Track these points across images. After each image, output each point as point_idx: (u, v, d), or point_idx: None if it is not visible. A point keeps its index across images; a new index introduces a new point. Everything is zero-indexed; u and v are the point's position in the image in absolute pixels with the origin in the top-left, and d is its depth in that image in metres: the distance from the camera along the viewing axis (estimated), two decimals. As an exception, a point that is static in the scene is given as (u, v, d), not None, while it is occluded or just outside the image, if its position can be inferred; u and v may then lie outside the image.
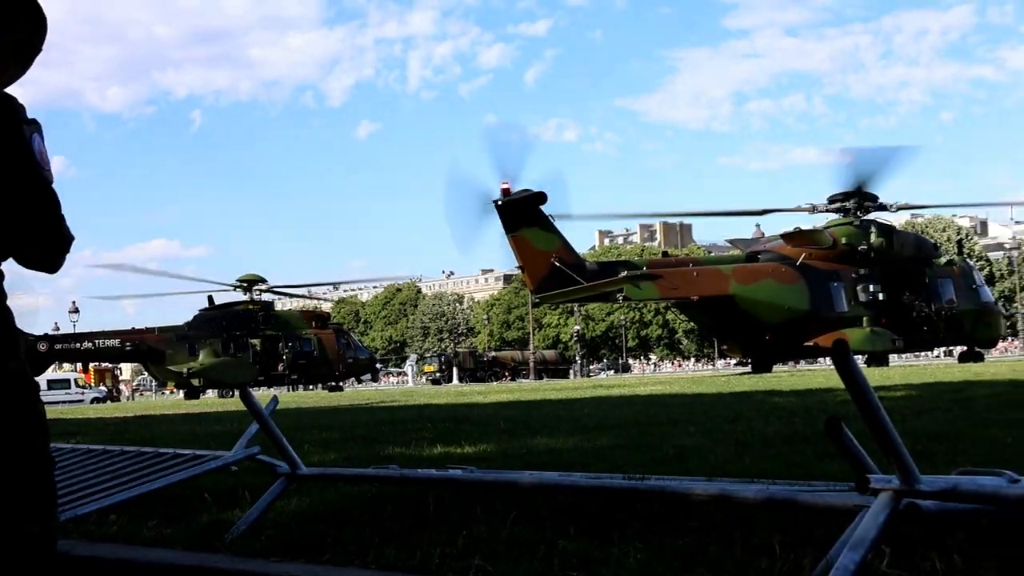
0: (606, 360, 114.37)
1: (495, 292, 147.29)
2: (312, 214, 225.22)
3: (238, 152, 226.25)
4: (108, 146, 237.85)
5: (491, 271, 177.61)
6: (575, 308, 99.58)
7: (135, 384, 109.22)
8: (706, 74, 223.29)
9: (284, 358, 62.12)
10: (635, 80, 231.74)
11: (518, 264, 40.85)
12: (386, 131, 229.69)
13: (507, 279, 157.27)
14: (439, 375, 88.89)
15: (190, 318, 61.19)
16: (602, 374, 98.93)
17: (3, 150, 2.87)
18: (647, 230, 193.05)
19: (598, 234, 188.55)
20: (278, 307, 65.47)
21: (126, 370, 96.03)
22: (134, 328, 59.95)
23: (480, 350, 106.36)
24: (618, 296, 42.60)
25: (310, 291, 67.25)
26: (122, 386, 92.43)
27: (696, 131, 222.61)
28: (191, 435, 11.81)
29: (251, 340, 60.98)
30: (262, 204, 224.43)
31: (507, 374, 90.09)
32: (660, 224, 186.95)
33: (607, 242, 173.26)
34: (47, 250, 3.00)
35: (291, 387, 67.24)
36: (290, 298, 66.55)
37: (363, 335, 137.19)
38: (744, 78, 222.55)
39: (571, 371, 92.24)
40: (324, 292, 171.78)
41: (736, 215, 47.40)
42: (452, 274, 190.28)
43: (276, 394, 7.47)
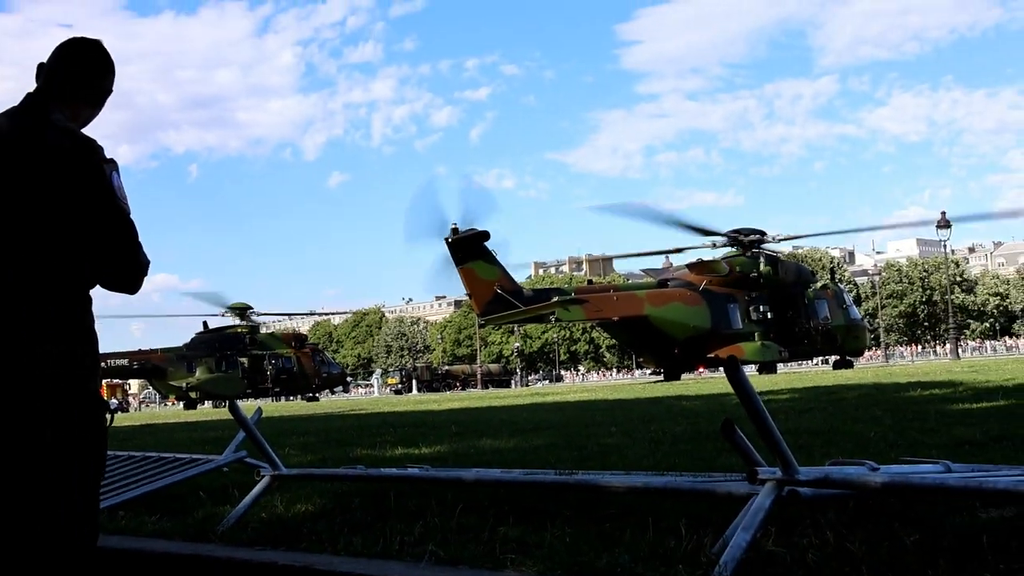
0: (542, 372, 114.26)
1: (448, 315, 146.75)
2: (292, 250, 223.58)
3: (228, 198, 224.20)
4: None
5: (444, 297, 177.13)
6: (515, 328, 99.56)
7: (142, 397, 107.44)
8: (622, 131, 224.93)
9: (268, 374, 61.42)
10: (563, 136, 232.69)
11: (467, 292, 40.70)
12: (354, 181, 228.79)
13: (458, 304, 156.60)
14: (401, 387, 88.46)
15: (188, 340, 60.41)
16: (539, 384, 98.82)
17: (88, 187, 2.85)
18: (575, 261, 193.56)
19: (534, 265, 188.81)
20: (263, 330, 64.79)
21: (134, 384, 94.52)
22: (140, 349, 59.02)
23: (435, 365, 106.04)
24: (551, 318, 42.54)
25: (290, 317, 66.73)
26: (131, 398, 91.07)
27: (614, 179, 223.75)
28: (189, 441, 11.66)
29: (240, 359, 60.25)
30: (249, 242, 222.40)
31: (458, 385, 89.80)
32: (585, 256, 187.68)
33: (541, 272, 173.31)
34: (128, 274, 2.99)
35: (274, 398, 66.53)
36: (273, 322, 65.95)
37: (335, 353, 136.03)
38: (654, 134, 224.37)
39: (512, 382, 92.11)
40: (302, 317, 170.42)
41: (652, 255, 47.57)
42: (411, 300, 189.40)
43: (260, 405, 7.42)
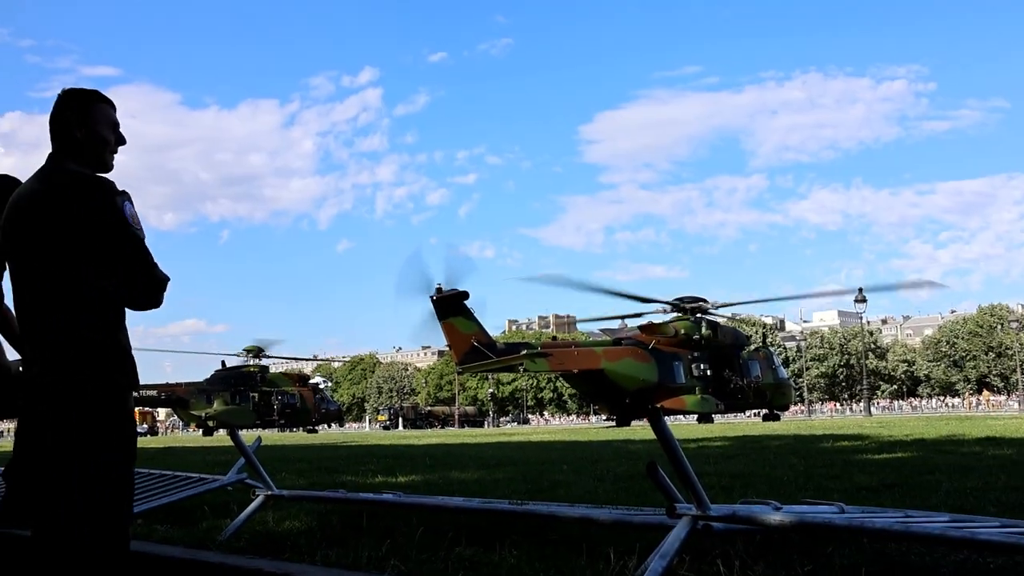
0: (512, 415, 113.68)
1: (432, 363, 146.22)
2: (302, 303, 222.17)
3: (253, 259, 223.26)
4: (161, 254, 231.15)
5: (429, 347, 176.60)
6: (489, 376, 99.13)
7: (168, 423, 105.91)
8: (585, 213, 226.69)
9: (275, 407, 60.87)
10: (535, 215, 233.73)
11: (448, 343, 40.60)
12: (358, 247, 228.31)
13: (441, 354, 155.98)
14: (389, 423, 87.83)
15: (208, 376, 59.92)
16: (508, 425, 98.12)
17: (103, 219, 2.87)
18: (543, 320, 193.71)
19: (507, 322, 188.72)
20: (272, 370, 64.31)
21: (162, 413, 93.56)
22: (168, 383, 58.45)
23: (420, 405, 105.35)
24: (520, 368, 42.46)
25: (296, 359, 66.24)
26: (159, 424, 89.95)
27: (578, 252, 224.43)
28: (201, 463, 11.53)
29: (251, 393, 59.75)
30: (267, 295, 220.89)
31: (438, 423, 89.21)
32: (552, 316, 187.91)
33: (514, 328, 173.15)
34: (149, 290, 2.98)
35: (279, 429, 65.92)
36: (282, 363, 65.46)
37: (334, 392, 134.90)
38: (612, 216, 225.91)
39: (485, 422, 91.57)
40: (307, 361, 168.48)
41: (611, 319, 47.59)
42: (400, 348, 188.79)
43: (263, 435, 7.36)
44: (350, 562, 3.78)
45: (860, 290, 45.73)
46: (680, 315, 43.79)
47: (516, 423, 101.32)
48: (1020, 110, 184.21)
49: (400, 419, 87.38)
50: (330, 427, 77.43)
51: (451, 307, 38.98)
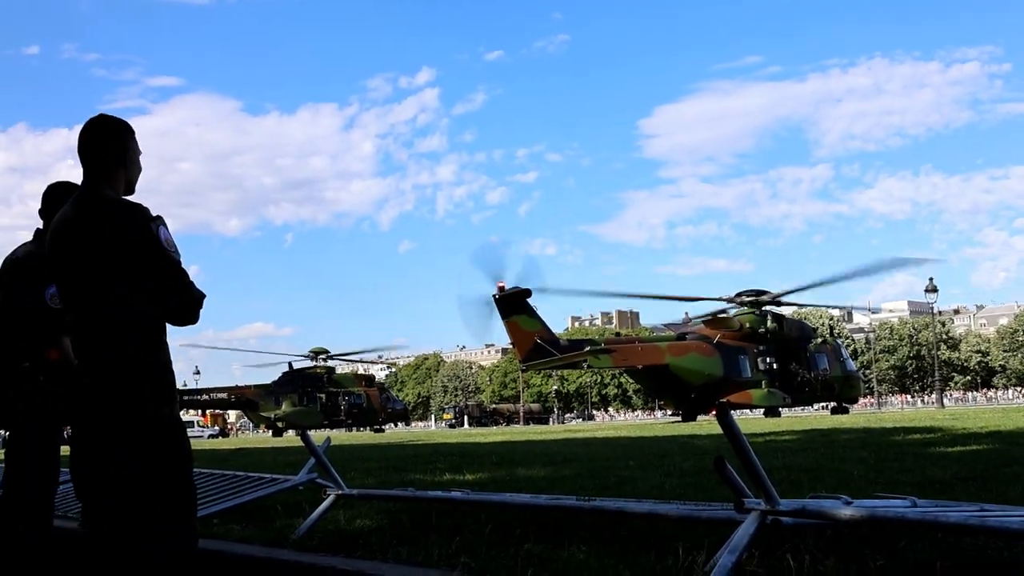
0: (576, 411, 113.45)
1: (496, 361, 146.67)
2: (366, 304, 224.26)
3: (317, 261, 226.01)
4: (228, 259, 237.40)
5: (493, 345, 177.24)
6: (553, 373, 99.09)
7: (238, 425, 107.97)
8: (646, 208, 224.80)
9: (342, 408, 61.53)
10: (596, 212, 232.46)
11: (511, 341, 40.66)
12: (420, 248, 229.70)
13: (504, 352, 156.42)
14: (454, 422, 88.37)
15: (276, 378, 60.76)
16: (573, 422, 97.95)
17: (138, 243, 3.01)
18: (607, 316, 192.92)
19: (570, 319, 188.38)
20: (338, 371, 65.04)
21: (232, 415, 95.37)
22: (237, 385, 59.40)
23: (484, 403, 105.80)
24: (584, 365, 42.33)
25: (361, 358, 66.82)
26: (229, 426, 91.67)
27: (639, 247, 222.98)
28: (273, 464, 11.76)
29: (319, 395, 60.45)
30: (332, 297, 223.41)
31: (503, 421, 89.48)
32: (616, 312, 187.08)
33: (576, 325, 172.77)
34: (185, 308, 3.11)
35: (347, 429, 66.68)
36: (347, 363, 66.09)
37: (399, 391, 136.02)
38: (673, 211, 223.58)
39: (550, 419, 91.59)
40: (372, 359, 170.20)
41: (671, 299, 47.30)
42: (464, 347, 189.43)
43: (331, 435, 7.44)
44: (421, 559, 3.84)
45: (931, 280, 44.84)
46: (745, 309, 43.25)
47: (581, 419, 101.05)
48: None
49: (465, 417, 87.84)
50: (396, 426, 78.16)
51: (514, 305, 39.05)
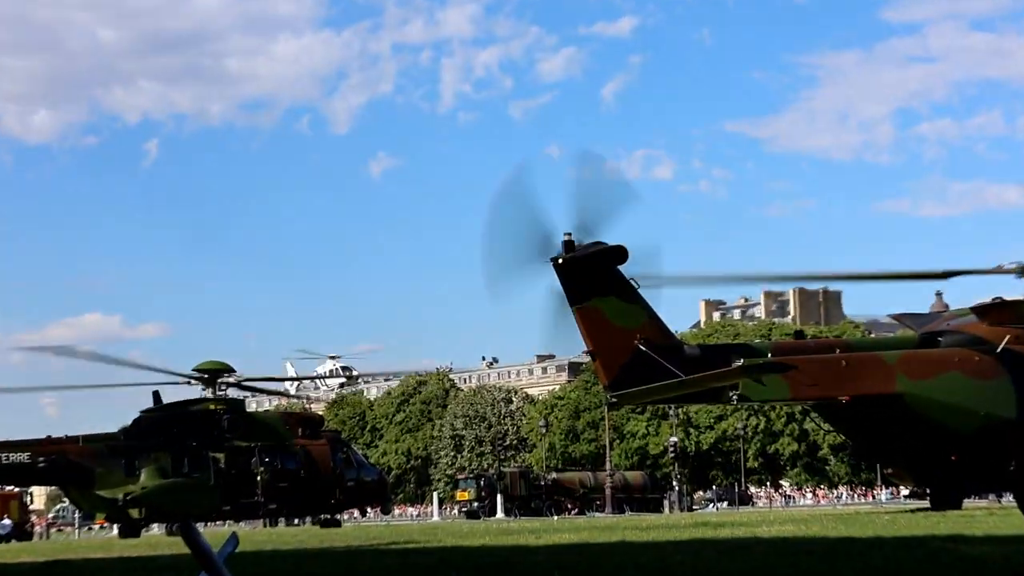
0: (716, 487, 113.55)
1: (556, 388, 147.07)
2: (303, 280, 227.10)
3: (206, 198, 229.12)
4: (30, 189, 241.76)
5: (550, 358, 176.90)
6: (670, 410, 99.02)
7: (51, 516, 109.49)
8: (855, 85, 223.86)
9: (259, 479, 61.98)
10: (756, 96, 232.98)
11: (587, 348, 40.56)
12: (407, 168, 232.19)
13: (572, 369, 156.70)
14: (477, 505, 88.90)
15: (128, 423, 61.32)
16: (710, 507, 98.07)
17: None
18: (775, 300, 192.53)
19: (703, 305, 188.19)
20: (251, 407, 65.63)
21: (38, 494, 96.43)
22: (50, 437, 60.03)
23: (535, 470, 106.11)
24: (732, 395, 42.01)
25: (297, 386, 67.50)
26: (33, 519, 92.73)
27: (842, 165, 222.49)
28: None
29: (212, 454, 60.95)
30: (235, 268, 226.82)
31: (573, 505, 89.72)
32: (795, 291, 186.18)
33: (717, 316, 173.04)
34: None
35: (268, 521, 67.15)
36: (268, 396, 66.81)
37: (370, 447, 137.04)
38: (911, 91, 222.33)
39: (665, 501, 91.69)
40: (316, 387, 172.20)
41: (905, 279, 46.87)
42: (495, 362, 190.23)
43: (236, 530, 7.27)
44: None
45: None
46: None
47: (726, 503, 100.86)
48: None
49: (500, 497, 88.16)
50: (365, 514, 78.59)
51: (594, 279, 38.94)
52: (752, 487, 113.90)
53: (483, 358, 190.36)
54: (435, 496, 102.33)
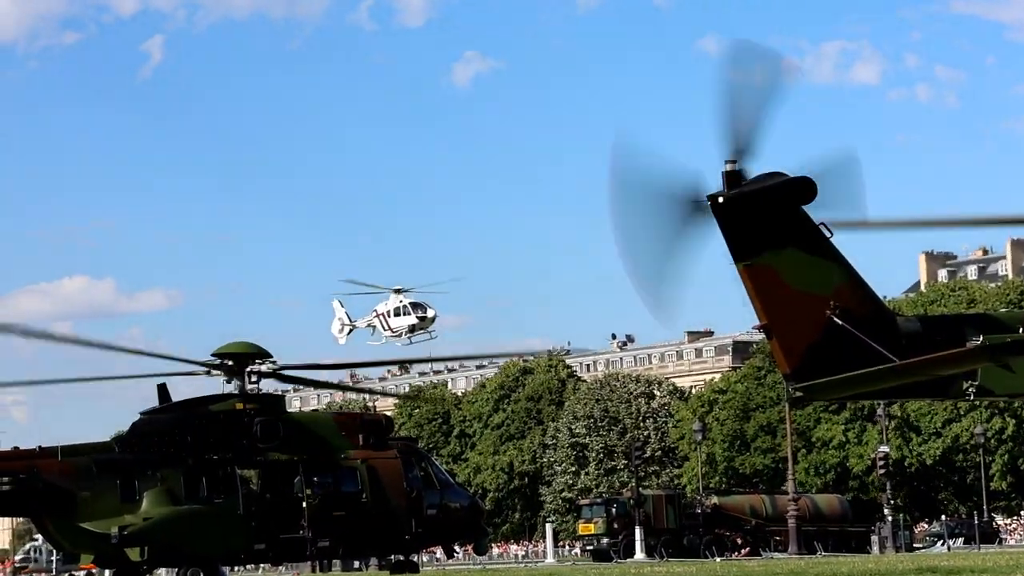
0: (946, 516, 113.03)
1: (716, 377, 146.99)
2: (360, 230, 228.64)
3: (228, 118, 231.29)
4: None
5: (706, 335, 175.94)
6: (878, 408, 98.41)
7: (18, 560, 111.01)
8: None
9: (306, 506, 62.47)
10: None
11: (759, 322, 40.72)
12: (505, 73, 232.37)
13: (739, 350, 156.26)
14: (607, 542, 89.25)
15: (124, 428, 62.08)
16: (938, 544, 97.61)
17: None
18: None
19: (923, 260, 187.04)
20: (294, 406, 66.24)
21: (1, 531, 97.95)
22: (17, 449, 60.73)
23: (688, 492, 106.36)
24: (967, 387, 41.94)
25: (353, 375, 67.87)
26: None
27: None
28: None
29: (240, 471, 61.47)
30: (269, 214, 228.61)
31: (741, 541, 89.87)
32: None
33: (943, 275, 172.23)
34: None
35: (319, 564, 67.69)
36: (316, 389, 67.31)
37: (458, 460, 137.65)
38: None
39: (873, 536, 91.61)
40: (382, 376, 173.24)
41: None
42: (630, 342, 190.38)
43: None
44: None
45: None
46: None
47: (962, 539, 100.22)
48: None
49: (638, 530, 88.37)
50: (453, 554, 79.19)
51: (769, 223, 39.07)
52: (998, 517, 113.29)
53: (612, 336, 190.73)
54: (548, 529, 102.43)
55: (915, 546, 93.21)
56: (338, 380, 68.09)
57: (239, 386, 62.11)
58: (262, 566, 59.12)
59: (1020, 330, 41.58)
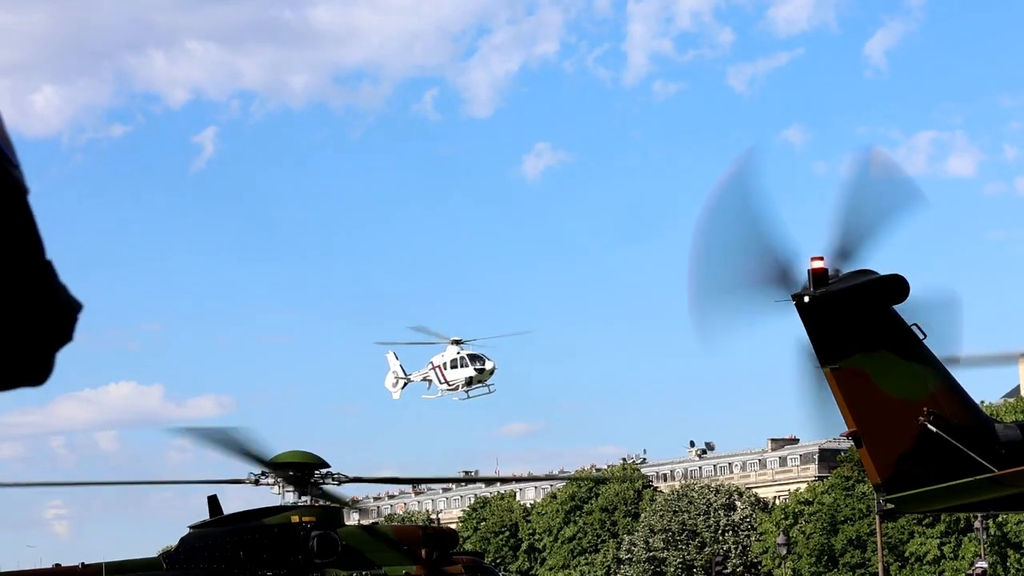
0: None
1: (801, 487, 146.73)
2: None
3: (286, 214, 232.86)
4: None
5: (791, 443, 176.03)
6: (975, 521, 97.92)
7: None
8: None
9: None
10: None
11: (848, 428, 40.45)
12: (577, 165, 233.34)
13: (825, 459, 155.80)
14: None
15: (173, 543, 61.95)
16: None
17: None
18: None
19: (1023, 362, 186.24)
20: (352, 520, 66.11)
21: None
22: (59, 566, 60.68)
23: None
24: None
25: (415, 488, 67.70)
26: None
27: None
28: None
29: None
30: (326, 315, 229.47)
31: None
32: None
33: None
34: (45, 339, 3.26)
35: None
36: (376, 500, 67.20)
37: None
38: None
39: None
40: (446, 488, 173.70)
41: None
42: (709, 450, 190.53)
43: None
44: None
45: None
46: None
47: None
48: None
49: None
50: None
51: (857, 324, 38.84)
52: None
53: (691, 443, 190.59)
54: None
55: None
56: (399, 490, 67.67)
57: (296, 497, 62.02)
58: None
59: None
